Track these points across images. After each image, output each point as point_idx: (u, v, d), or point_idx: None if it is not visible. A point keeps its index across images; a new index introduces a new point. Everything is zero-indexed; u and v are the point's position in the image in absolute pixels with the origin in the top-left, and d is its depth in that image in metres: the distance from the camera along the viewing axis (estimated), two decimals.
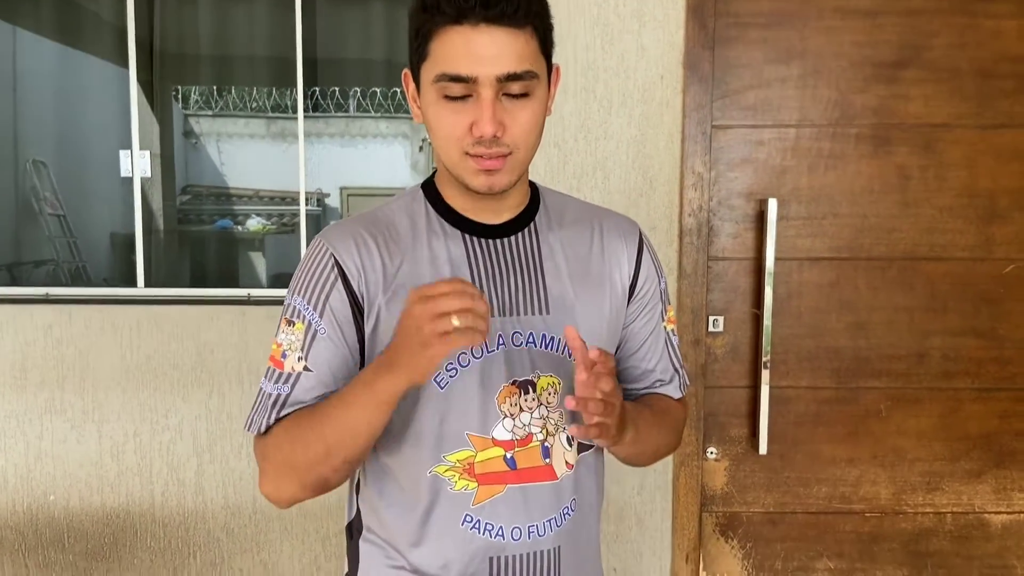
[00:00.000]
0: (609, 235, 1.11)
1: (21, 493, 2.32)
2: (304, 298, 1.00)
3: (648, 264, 1.13)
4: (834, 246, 2.25)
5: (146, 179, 2.93)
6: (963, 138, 2.23)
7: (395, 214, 1.05)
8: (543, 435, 1.02)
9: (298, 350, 0.99)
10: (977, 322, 2.27)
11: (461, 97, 0.92)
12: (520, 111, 0.93)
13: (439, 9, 0.89)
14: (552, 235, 1.07)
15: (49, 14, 2.78)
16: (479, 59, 0.89)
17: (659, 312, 1.15)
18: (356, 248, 1.00)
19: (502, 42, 0.89)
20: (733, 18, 2.19)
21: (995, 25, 2.20)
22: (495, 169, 0.95)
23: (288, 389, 0.99)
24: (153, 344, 2.28)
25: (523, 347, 1.02)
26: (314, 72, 2.96)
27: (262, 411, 1.00)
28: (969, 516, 2.33)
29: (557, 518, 1.05)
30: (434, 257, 1.02)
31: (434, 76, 0.92)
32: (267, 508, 2.33)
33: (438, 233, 1.03)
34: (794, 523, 2.33)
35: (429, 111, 0.95)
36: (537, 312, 1.03)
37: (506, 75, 0.90)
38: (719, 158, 2.23)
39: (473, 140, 0.93)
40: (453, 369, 0.99)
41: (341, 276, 0.99)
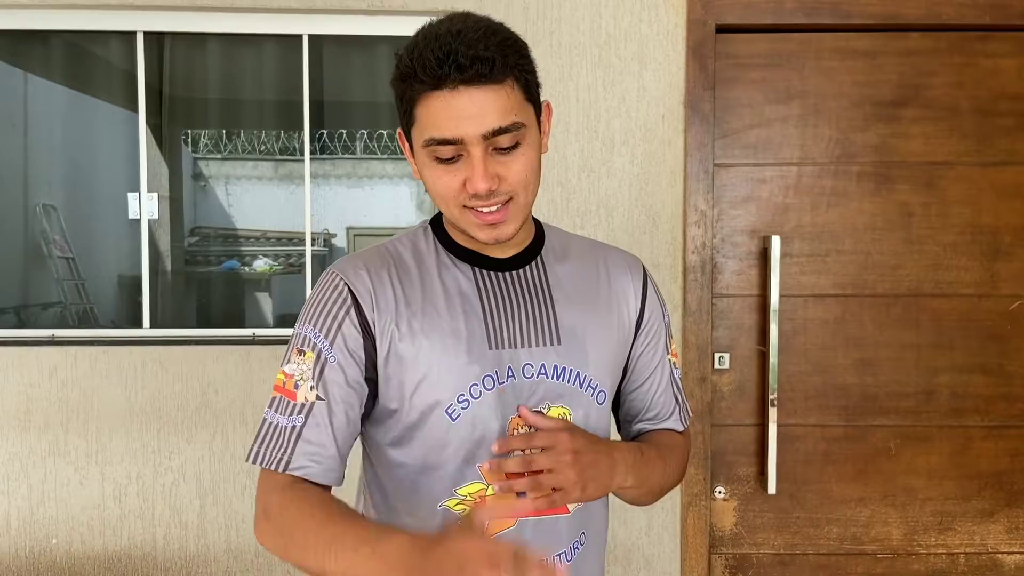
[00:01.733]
0: (615, 269, 1.12)
1: (24, 537, 2.30)
2: (315, 327, 0.99)
3: (653, 298, 1.14)
4: (838, 283, 2.24)
5: (154, 221, 2.95)
6: (964, 175, 2.24)
7: (403, 248, 1.06)
8: None
9: (309, 380, 0.98)
10: (984, 359, 2.25)
11: (452, 158, 0.92)
12: (513, 162, 0.94)
13: (416, 77, 0.90)
14: (560, 267, 1.08)
15: (59, 59, 2.83)
16: (462, 121, 0.89)
17: (663, 345, 1.15)
18: (369, 277, 1.00)
19: (482, 101, 0.89)
20: (733, 59, 2.22)
21: (993, 64, 2.22)
22: (498, 222, 0.96)
23: (303, 419, 0.97)
24: (157, 385, 2.28)
25: (534, 378, 1.01)
26: (321, 115, 3.00)
27: (277, 445, 0.97)
28: (982, 556, 2.29)
29: (567, 552, 1.04)
30: (445, 288, 1.02)
31: (423, 141, 0.93)
32: (270, 553, 2.30)
33: (448, 265, 1.04)
34: (805, 565, 2.29)
35: (424, 172, 0.97)
36: (549, 343, 1.03)
37: (492, 131, 0.90)
38: (722, 196, 2.24)
39: (468, 196, 0.94)
40: (465, 401, 0.99)
41: (354, 303, 0.99)
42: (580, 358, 1.04)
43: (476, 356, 1.00)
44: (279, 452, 0.96)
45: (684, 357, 2.20)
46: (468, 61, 0.88)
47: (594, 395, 1.05)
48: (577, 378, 1.03)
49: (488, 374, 1.00)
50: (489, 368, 1.00)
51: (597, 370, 1.05)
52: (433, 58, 0.88)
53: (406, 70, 0.91)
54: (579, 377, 1.03)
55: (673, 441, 1.16)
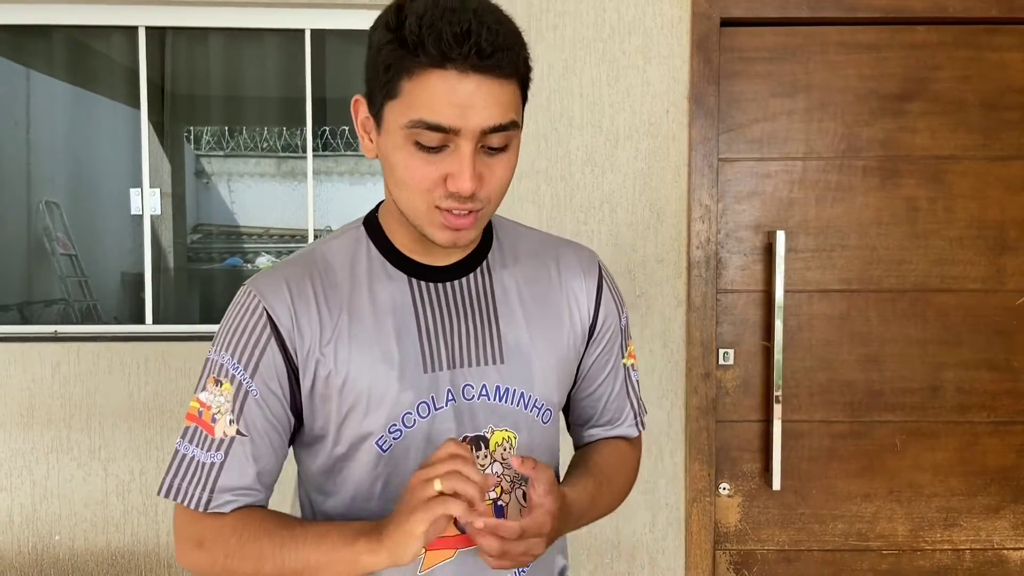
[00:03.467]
0: (568, 272, 1.03)
1: (27, 533, 2.30)
2: (233, 356, 0.91)
3: (608, 301, 1.05)
4: (844, 278, 2.23)
5: (157, 218, 2.95)
6: (971, 170, 2.22)
7: (334, 255, 0.96)
8: (497, 492, 0.95)
9: (228, 412, 0.90)
10: (991, 354, 2.24)
11: (436, 148, 0.82)
12: (497, 165, 0.86)
13: (422, 48, 0.79)
14: (507, 273, 0.99)
15: (61, 56, 2.83)
16: (464, 109, 0.80)
17: (618, 348, 1.08)
18: (290, 300, 0.91)
19: (488, 93, 0.81)
20: (737, 53, 2.21)
21: (999, 58, 2.21)
22: (463, 228, 0.87)
23: (222, 456, 0.90)
24: (160, 381, 2.27)
25: (475, 400, 0.94)
26: (324, 111, 2.99)
27: (195, 482, 0.90)
28: (988, 552, 2.28)
29: None
30: (376, 305, 0.93)
31: (407, 120, 0.81)
32: None
33: (380, 277, 0.95)
34: (810, 561, 2.28)
35: (394, 154, 0.85)
36: (491, 362, 0.95)
37: (491, 128, 0.82)
38: (726, 191, 2.23)
39: (445, 194, 0.84)
40: (397, 431, 0.92)
41: (274, 332, 0.90)
42: (525, 377, 0.97)
43: (409, 382, 0.92)
44: (198, 490, 0.90)
45: (688, 353, 2.19)
46: (490, 47, 0.79)
47: (539, 415, 0.99)
48: (521, 399, 0.96)
49: (423, 400, 0.92)
50: (424, 394, 0.92)
51: (543, 388, 0.98)
52: (449, 32, 0.78)
53: (411, 37, 0.79)
54: (523, 398, 0.96)
55: (621, 457, 1.10)
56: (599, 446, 1.11)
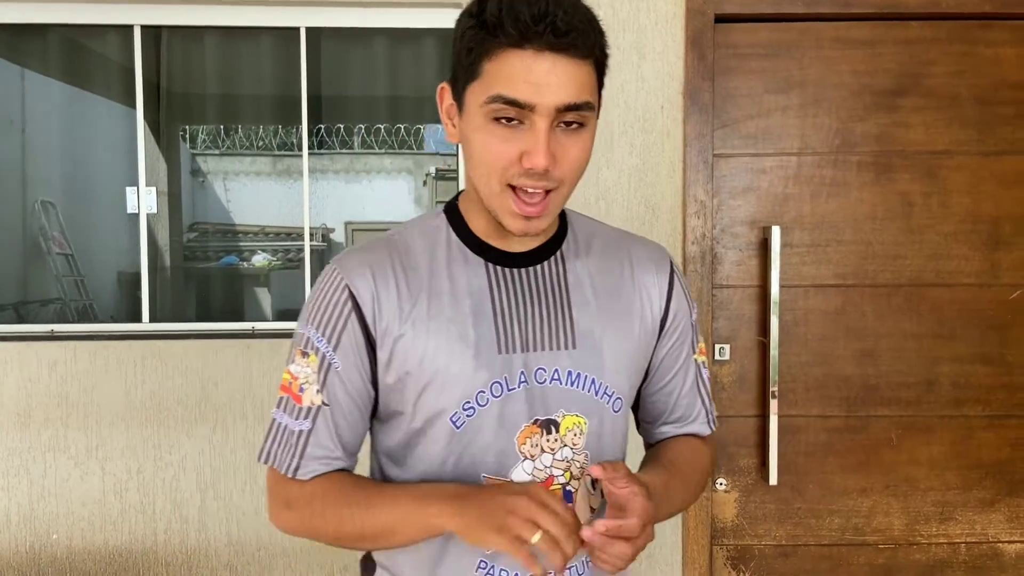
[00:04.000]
0: (640, 266, 1.05)
1: (24, 532, 2.30)
2: (318, 330, 0.96)
3: (679, 296, 1.07)
4: (839, 273, 2.24)
5: (153, 216, 2.95)
6: (965, 165, 2.23)
7: (414, 239, 1.00)
8: (565, 478, 0.97)
9: (315, 383, 0.96)
10: (986, 348, 2.25)
11: (513, 121, 0.86)
12: (572, 144, 0.89)
13: (502, 29, 0.83)
14: (580, 264, 1.02)
15: (56, 55, 2.82)
16: (540, 87, 0.84)
17: (689, 344, 1.09)
18: (372, 277, 0.96)
19: (563, 71, 0.84)
20: (732, 49, 2.22)
21: (993, 53, 2.21)
22: (534, 216, 0.90)
23: (310, 424, 0.96)
24: (157, 379, 2.28)
25: (547, 384, 0.96)
26: (319, 109, 3.00)
27: (286, 448, 0.97)
28: (983, 546, 2.29)
29: (579, 565, 0.99)
30: (454, 287, 0.97)
31: (486, 97, 0.86)
32: (271, 545, 2.31)
33: (459, 261, 0.98)
34: (807, 556, 2.29)
35: (474, 135, 0.89)
36: (563, 347, 0.97)
37: (565, 106, 0.85)
38: (721, 186, 2.23)
39: (521, 171, 0.87)
40: (471, 408, 0.94)
41: (355, 309, 0.95)
42: (596, 364, 0.98)
43: (484, 361, 0.95)
44: (288, 457, 0.97)
45: None
46: (565, 27, 0.83)
47: (610, 402, 1.00)
48: (592, 385, 0.98)
49: (496, 380, 0.95)
50: (498, 374, 0.95)
51: (614, 376, 0.99)
52: (528, 13, 0.82)
53: (491, 19, 0.84)
54: (594, 384, 0.98)
55: (695, 454, 1.10)
56: (669, 442, 1.11)
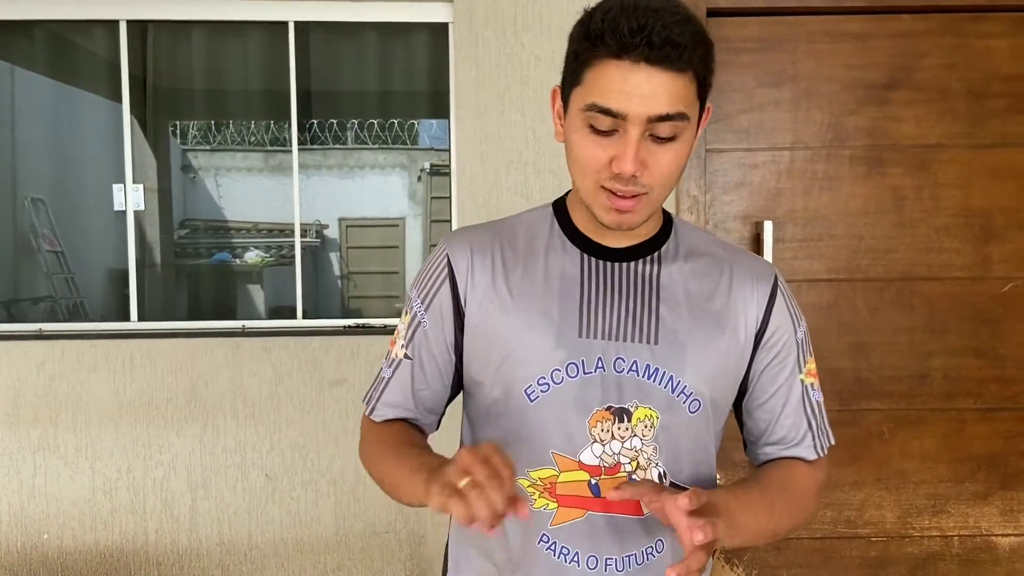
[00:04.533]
0: (740, 277, 1.05)
1: (14, 532, 2.28)
2: (417, 291, 1.06)
3: (782, 312, 1.06)
4: (831, 267, 2.24)
5: (143, 213, 2.92)
6: (956, 158, 2.23)
7: (518, 225, 1.07)
8: (632, 467, 0.98)
9: (403, 337, 1.06)
10: (978, 342, 2.25)
11: (607, 131, 0.90)
12: (663, 153, 0.91)
13: (602, 40, 0.87)
14: (676, 267, 1.03)
15: (43, 51, 2.80)
16: (633, 97, 0.87)
17: (792, 363, 1.06)
18: (471, 252, 1.04)
19: (658, 83, 0.87)
20: (724, 43, 2.20)
21: (984, 45, 2.21)
22: (627, 210, 0.93)
23: (391, 372, 1.07)
24: (146, 378, 2.26)
25: (624, 374, 0.98)
26: (310, 105, 2.97)
27: (372, 389, 1.09)
28: (976, 539, 2.29)
29: (638, 555, 1.00)
30: (548, 270, 1.02)
31: (584, 104, 0.90)
32: (263, 545, 2.30)
33: (557, 249, 1.03)
34: (800, 549, 2.29)
35: (573, 136, 0.94)
36: (645, 341, 0.99)
37: (657, 116, 0.88)
38: (714, 181, 2.23)
39: (610, 175, 0.91)
40: (545, 384, 0.98)
41: (450, 275, 1.03)
42: (676, 362, 0.99)
43: (563, 341, 0.98)
44: (370, 397, 1.09)
45: None
46: (660, 40, 0.86)
47: (687, 402, 0.99)
48: (670, 382, 0.98)
49: (572, 361, 0.98)
50: (575, 356, 0.98)
51: (695, 378, 0.99)
52: (627, 27, 0.86)
53: (595, 31, 0.88)
54: (672, 381, 0.98)
55: (792, 475, 1.07)
56: (770, 464, 1.09)
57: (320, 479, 2.29)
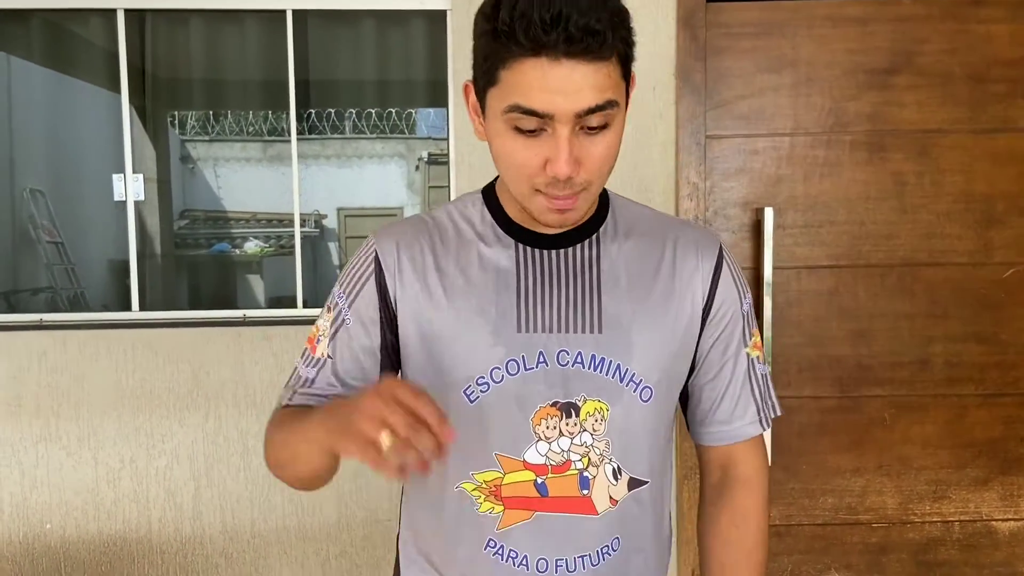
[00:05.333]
0: (683, 252, 1.00)
1: (17, 522, 2.29)
2: (341, 288, 1.01)
3: (727, 285, 1.02)
4: (832, 254, 2.23)
5: (142, 204, 2.92)
6: (958, 143, 2.22)
7: (447, 217, 1.02)
8: (583, 464, 0.95)
9: (326, 336, 1.01)
10: (979, 327, 2.25)
11: (534, 131, 0.84)
12: (596, 145, 0.85)
13: (513, 36, 0.79)
14: (616, 248, 0.99)
15: (40, 40, 2.78)
16: (557, 95, 0.80)
17: (739, 337, 1.04)
18: (397, 247, 0.99)
19: (582, 76, 0.80)
20: (724, 28, 2.19)
21: (986, 30, 2.20)
22: (567, 208, 0.89)
23: (315, 373, 1.01)
24: (148, 368, 2.26)
25: (569, 367, 0.94)
26: (308, 94, 2.96)
27: (288, 389, 1.04)
28: (977, 524, 2.30)
29: (592, 556, 0.97)
30: (481, 264, 0.97)
31: (505, 106, 0.83)
32: (266, 532, 2.30)
33: (490, 240, 0.98)
34: (800, 535, 2.30)
35: (496, 140, 0.88)
36: (588, 330, 0.95)
37: (586, 109, 0.82)
38: (714, 168, 2.22)
39: (546, 179, 0.86)
40: (485, 384, 0.94)
41: (376, 271, 0.98)
42: (622, 349, 0.95)
43: (502, 338, 0.94)
44: (290, 393, 1.04)
45: None
46: (579, 32, 0.78)
47: (638, 391, 0.96)
48: (617, 371, 0.95)
49: (512, 358, 0.94)
50: (515, 352, 0.94)
51: (642, 364, 0.95)
52: (538, 19, 0.78)
53: (503, 28, 0.80)
54: (619, 370, 0.95)
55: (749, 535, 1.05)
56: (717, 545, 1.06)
57: None
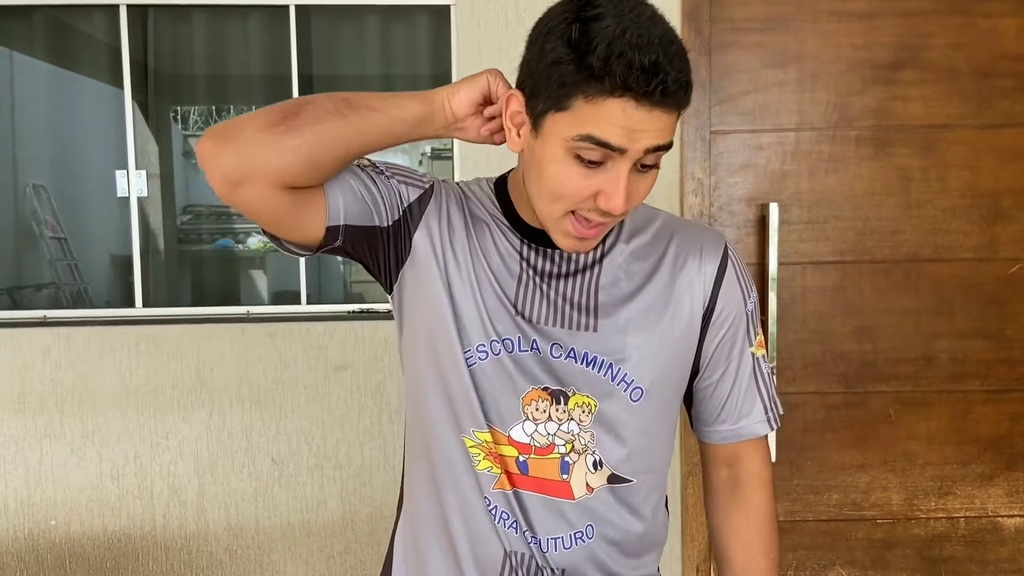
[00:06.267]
0: (685, 254, 1.01)
1: (22, 518, 2.29)
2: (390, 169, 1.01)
3: (731, 286, 1.03)
4: (837, 250, 2.22)
5: (145, 199, 2.92)
6: (964, 138, 2.21)
7: (473, 193, 1.05)
8: (566, 449, 0.97)
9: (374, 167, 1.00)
10: (984, 323, 2.24)
11: (595, 162, 0.85)
12: (644, 181, 0.89)
13: (609, 77, 0.80)
14: (618, 249, 1.00)
15: (43, 37, 2.78)
16: (635, 134, 0.83)
17: (743, 337, 1.04)
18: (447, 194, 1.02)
19: (660, 122, 0.84)
20: (729, 23, 2.18)
21: (992, 24, 2.19)
22: (589, 237, 0.92)
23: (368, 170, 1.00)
24: (152, 364, 2.26)
25: (561, 359, 0.96)
26: (312, 89, 2.95)
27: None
28: (982, 520, 2.30)
29: (565, 539, 0.98)
30: (495, 245, 1.00)
31: (575, 135, 0.84)
32: (270, 529, 2.30)
33: (499, 230, 1.01)
34: (805, 531, 2.29)
35: (550, 164, 0.87)
36: (583, 328, 0.96)
37: (652, 148, 0.85)
38: (719, 163, 2.21)
39: (592, 207, 0.88)
40: (484, 352, 0.96)
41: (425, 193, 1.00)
42: (617, 349, 0.96)
43: (502, 317, 0.97)
44: None
45: None
46: (675, 85, 0.81)
47: (628, 391, 0.97)
48: (609, 370, 0.96)
49: (509, 338, 0.96)
50: (512, 333, 0.96)
51: (636, 365, 0.97)
52: (639, 66, 0.79)
53: (598, 63, 0.80)
54: (612, 369, 0.96)
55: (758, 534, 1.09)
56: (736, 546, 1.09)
57: (326, 463, 2.29)
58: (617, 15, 0.82)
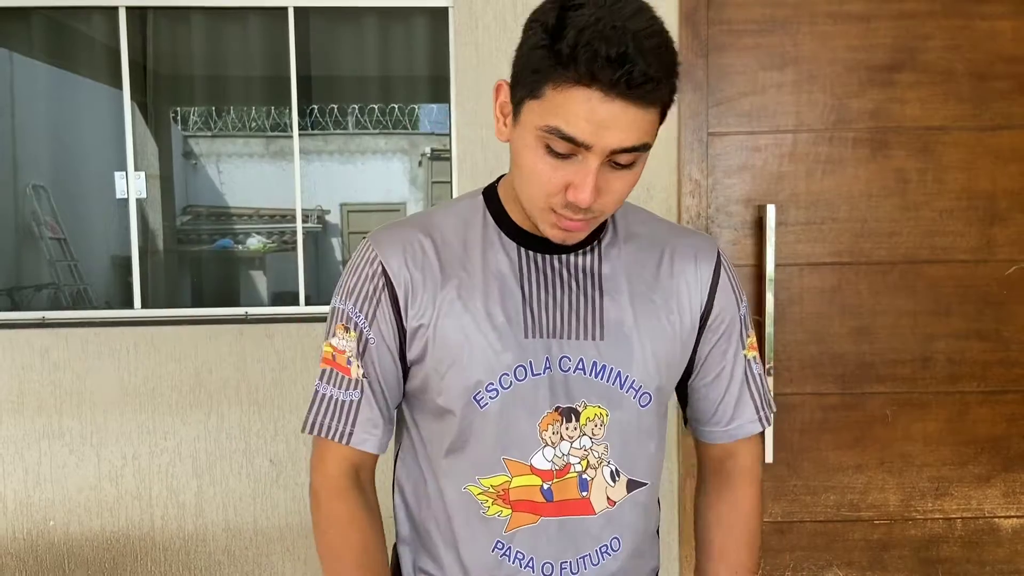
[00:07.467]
0: (682, 259, 1.02)
1: (21, 519, 2.30)
2: (355, 305, 0.98)
3: (725, 290, 1.04)
4: (834, 251, 2.23)
5: (145, 200, 2.92)
6: (961, 140, 2.21)
7: (447, 220, 1.01)
8: (582, 466, 0.97)
9: (357, 357, 0.98)
10: (981, 325, 2.24)
11: (565, 155, 0.84)
12: (619, 179, 0.87)
13: (574, 64, 0.79)
14: (616, 254, 1.00)
15: (42, 38, 2.79)
16: (600, 129, 0.81)
17: (737, 340, 1.06)
18: (404, 255, 0.97)
19: (630, 119, 0.81)
20: (726, 25, 2.19)
21: (989, 26, 2.19)
22: (574, 230, 0.91)
23: (359, 395, 0.99)
24: (151, 365, 2.27)
25: (571, 372, 0.96)
26: (311, 90, 2.96)
27: (338, 418, 0.99)
28: (979, 521, 2.30)
29: (593, 556, 0.99)
30: (486, 268, 0.97)
31: (544, 124, 0.83)
32: (268, 530, 2.31)
33: (493, 244, 0.98)
34: (802, 532, 2.30)
35: (524, 152, 0.88)
36: (590, 337, 0.96)
37: (621, 148, 0.83)
38: (716, 165, 2.22)
39: (563, 201, 0.87)
40: (494, 390, 0.95)
41: (387, 285, 0.96)
42: (624, 356, 0.97)
43: (510, 343, 0.95)
44: (341, 425, 0.99)
45: None
46: (641, 78, 0.79)
47: (636, 396, 0.98)
48: (618, 378, 0.97)
49: (521, 364, 0.95)
50: (523, 358, 0.95)
51: (642, 371, 0.98)
52: (605, 55, 0.78)
53: (566, 50, 0.79)
54: (620, 377, 0.97)
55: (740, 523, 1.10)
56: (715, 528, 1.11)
57: None
58: (597, 5, 0.81)
